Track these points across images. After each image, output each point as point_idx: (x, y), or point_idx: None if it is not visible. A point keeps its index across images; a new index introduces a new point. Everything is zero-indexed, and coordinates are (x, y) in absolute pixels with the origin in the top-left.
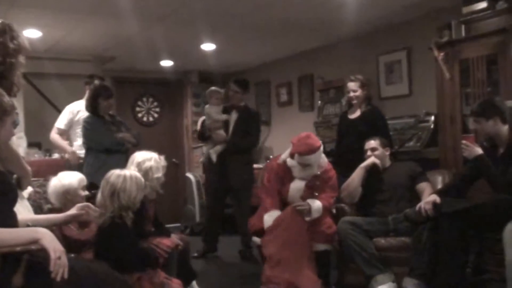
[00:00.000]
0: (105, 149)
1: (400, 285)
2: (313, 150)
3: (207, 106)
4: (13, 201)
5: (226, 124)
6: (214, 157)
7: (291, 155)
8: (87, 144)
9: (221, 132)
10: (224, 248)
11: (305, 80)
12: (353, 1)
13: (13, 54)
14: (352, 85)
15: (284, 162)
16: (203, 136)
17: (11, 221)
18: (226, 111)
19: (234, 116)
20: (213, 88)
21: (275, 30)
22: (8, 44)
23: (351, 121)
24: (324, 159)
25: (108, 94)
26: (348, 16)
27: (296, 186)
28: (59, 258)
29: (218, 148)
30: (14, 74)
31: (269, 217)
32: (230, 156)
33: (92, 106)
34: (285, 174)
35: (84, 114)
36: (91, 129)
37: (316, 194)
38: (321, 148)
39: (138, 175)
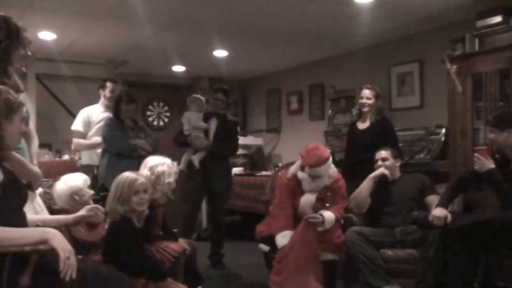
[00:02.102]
0: (118, 153)
1: None
2: (323, 161)
3: (187, 112)
4: (23, 201)
5: (205, 131)
6: (196, 163)
7: (302, 168)
8: (104, 146)
9: (203, 138)
10: (230, 254)
11: (316, 89)
12: (366, 12)
13: (5, 50)
14: (367, 92)
15: (293, 176)
16: (180, 141)
17: (20, 220)
18: (205, 118)
19: (214, 123)
20: (195, 95)
21: (287, 39)
22: (1, 39)
23: (360, 132)
24: (333, 169)
25: (130, 99)
26: (361, 27)
27: (307, 199)
28: (68, 258)
29: (200, 154)
30: (6, 69)
31: (283, 238)
32: (212, 163)
33: (114, 110)
34: (295, 188)
35: (97, 116)
36: (108, 131)
37: (327, 205)
38: (330, 158)
39: (133, 177)
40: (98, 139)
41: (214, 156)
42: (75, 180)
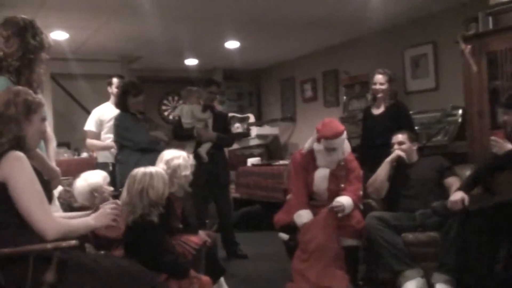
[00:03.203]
0: (141, 148)
1: (429, 280)
2: (338, 133)
3: (185, 105)
4: (50, 199)
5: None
6: (204, 155)
7: (318, 140)
8: (120, 142)
9: (209, 130)
10: (250, 245)
11: (330, 76)
12: None
13: (33, 51)
14: (380, 78)
15: (308, 151)
16: (184, 135)
17: None
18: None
19: (209, 115)
20: (191, 87)
21: (299, 26)
22: (29, 41)
23: (375, 117)
24: (347, 144)
25: (137, 91)
26: (373, 11)
27: (321, 174)
28: (115, 220)
29: (206, 146)
30: (34, 70)
31: (298, 217)
32: (217, 154)
33: (122, 104)
34: (309, 164)
35: (109, 114)
36: (125, 127)
37: (342, 185)
38: (345, 132)
39: (162, 171)
40: (111, 144)
41: (217, 147)
42: (95, 177)
